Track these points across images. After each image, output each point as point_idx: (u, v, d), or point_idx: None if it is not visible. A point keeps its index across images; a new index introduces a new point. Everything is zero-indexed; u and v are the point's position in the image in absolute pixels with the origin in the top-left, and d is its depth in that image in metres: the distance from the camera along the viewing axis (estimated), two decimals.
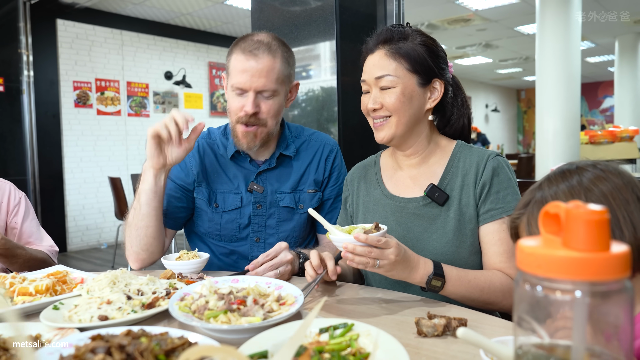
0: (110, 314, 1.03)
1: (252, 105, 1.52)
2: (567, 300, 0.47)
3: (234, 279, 1.21)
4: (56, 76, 6.64)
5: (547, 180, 0.92)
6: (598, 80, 15.87)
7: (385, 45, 1.32)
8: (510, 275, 1.24)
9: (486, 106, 16.17)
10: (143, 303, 1.07)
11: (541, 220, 0.50)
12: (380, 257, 1.05)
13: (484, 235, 1.28)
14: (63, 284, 1.26)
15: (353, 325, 0.89)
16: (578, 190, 0.86)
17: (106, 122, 7.21)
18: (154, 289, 1.14)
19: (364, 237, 1.03)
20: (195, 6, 7.01)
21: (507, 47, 10.59)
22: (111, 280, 1.15)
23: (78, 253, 6.74)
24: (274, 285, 1.16)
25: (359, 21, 2.76)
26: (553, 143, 5.85)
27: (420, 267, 1.12)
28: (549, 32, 5.85)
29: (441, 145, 1.40)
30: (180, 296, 1.08)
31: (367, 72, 1.34)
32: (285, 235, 1.65)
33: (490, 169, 1.29)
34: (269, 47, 1.54)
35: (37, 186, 6.39)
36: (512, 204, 1.26)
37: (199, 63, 8.39)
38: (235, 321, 0.93)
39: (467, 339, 0.63)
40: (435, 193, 1.31)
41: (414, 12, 7.63)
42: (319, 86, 2.82)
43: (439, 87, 1.35)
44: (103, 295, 1.09)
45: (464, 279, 1.17)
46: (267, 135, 1.60)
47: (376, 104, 1.31)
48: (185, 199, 1.67)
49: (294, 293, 1.10)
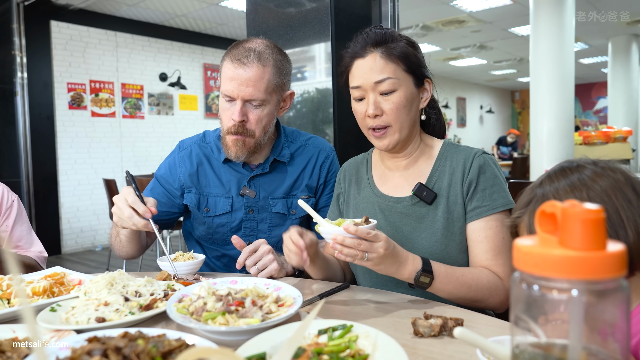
0: (107, 316, 1.02)
1: (239, 113, 1.51)
2: (563, 299, 0.47)
3: (233, 281, 1.21)
4: (50, 78, 6.61)
5: (547, 177, 0.92)
6: (591, 81, 15.96)
7: (378, 47, 1.28)
8: (497, 272, 1.24)
9: (481, 107, 16.22)
10: (141, 305, 1.07)
11: (537, 220, 0.50)
12: (369, 249, 1.04)
13: (471, 232, 1.28)
14: (60, 285, 1.25)
15: (352, 326, 0.88)
16: (579, 187, 0.86)
17: (101, 124, 7.18)
18: (152, 291, 1.13)
19: (354, 229, 1.03)
20: (190, 8, 7.00)
21: (502, 48, 10.64)
22: (109, 281, 1.14)
23: (72, 255, 6.70)
24: (272, 287, 1.15)
25: (354, 23, 2.76)
26: (547, 144, 5.88)
27: (408, 263, 1.12)
28: (543, 33, 5.89)
29: (429, 144, 1.41)
30: (178, 298, 1.07)
31: (362, 77, 1.29)
32: (277, 240, 1.63)
33: (476, 167, 1.29)
34: (259, 55, 1.50)
35: (31, 188, 6.35)
36: (499, 201, 1.27)
37: (194, 65, 8.37)
38: (234, 323, 0.93)
39: (464, 339, 0.63)
40: (423, 192, 1.31)
41: (409, 14, 7.65)
42: (314, 88, 2.82)
43: (428, 87, 1.35)
44: (100, 297, 1.08)
45: (452, 276, 1.17)
46: (255, 145, 1.58)
47: (377, 110, 1.28)
48: (170, 204, 1.69)
49: (292, 294, 1.09)
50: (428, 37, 9.36)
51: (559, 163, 0.95)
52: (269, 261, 1.38)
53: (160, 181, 1.70)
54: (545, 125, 5.88)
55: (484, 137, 15.91)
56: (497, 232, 1.25)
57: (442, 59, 11.55)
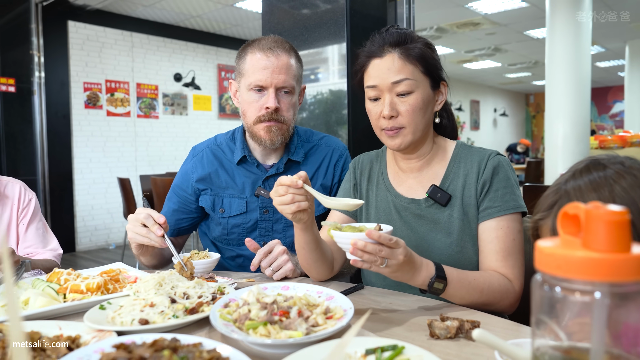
0: (151, 318, 0.99)
1: (274, 100, 1.53)
2: (586, 301, 0.46)
3: (284, 286, 1.14)
4: (67, 77, 6.69)
5: (571, 175, 0.91)
6: (608, 85, 15.78)
7: (396, 48, 1.26)
8: (506, 275, 1.23)
9: (494, 110, 16.11)
10: (186, 308, 1.03)
11: (560, 221, 0.50)
12: (390, 256, 1.01)
13: (482, 232, 1.27)
14: (116, 282, 1.25)
15: (403, 348, 0.81)
16: (602, 185, 0.85)
17: (116, 123, 7.26)
18: (200, 293, 1.10)
19: (377, 235, 0.98)
20: (204, 8, 7.05)
21: (516, 51, 10.56)
22: (158, 281, 1.12)
23: (86, 253, 6.78)
24: (325, 295, 1.08)
25: (370, 24, 2.76)
26: (562, 148, 5.82)
27: (422, 269, 1.09)
28: (559, 36, 5.83)
29: (442, 146, 1.39)
30: (225, 302, 1.03)
31: (379, 77, 1.27)
32: (292, 240, 1.63)
33: (490, 168, 1.29)
34: (284, 45, 1.57)
35: (47, 186, 6.43)
36: (510, 203, 1.26)
37: (208, 65, 8.43)
38: (275, 334, 0.87)
39: (482, 341, 0.63)
40: (437, 194, 1.30)
41: (423, 16, 7.62)
42: (327, 89, 2.82)
43: (443, 89, 1.34)
44: (148, 297, 1.06)
45: (464, 280, 1.15)
46: (287, 132, 1.61)
47: (393, 112, 1.26)
48: (187, 210, 1.72)
49: (344, 306, 1.00)
50: (442, 40, 9.32)
51: (585, 159, 0.93)
52: (283, 262, 1.38)
53: (176, 190, 1.74)
54: (560, 129, 5.81)
55: (497, 140, 15.80)
56: (507, 232, 1.24)
57: (456, 61, 11.50)
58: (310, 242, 1.25)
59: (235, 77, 1.67)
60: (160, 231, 1.36)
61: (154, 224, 1.35)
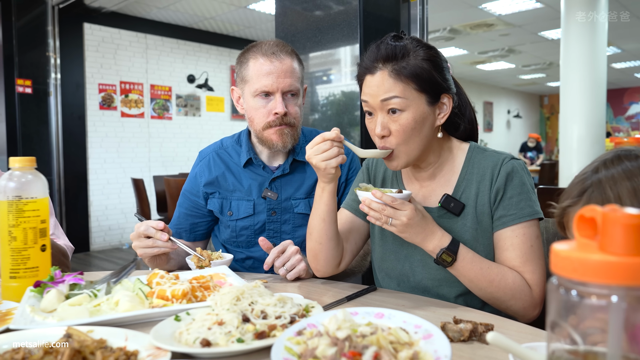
0: (215, 339, 0.86)
1: (282, 105, 1.54)
2: (603, 305, 0.46)
3: (379, 314, 0.91)
4: (82, 79, 6.77)
5: (602, 164, 0.90)
6: (624, 86, 15.58)
7: (387, 64, 1.19)
8: (525, 279, 1.20)
9: (508, 112, 15.99)
10: (257, 330, 0.89)
11: (575, 224, 0.50)
12: (393, 216, 1.11)
13: (497, 241, 1.25)
14: (205, 290, 1.16)
15: None
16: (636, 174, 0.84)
17: (130, 124, 7.33)
18: (280, 313, 0.94)
19: (379, 195, 1.11)
20: (218, 10, 7.09)
21: (531, 52, 10.47)
22: (236, 295, 0.97)
23: (100, 253, 6.85)
24: (422, 333, 0.83)
25: (383, 26, 2.76)
26: (577, 150, 5.76)
27: (436, 237, 1.16)
28: (574, 37, 5.77)
29: (453, 152, 1.34)
30: (300, 328, 0.83)
31: (369, 93, 1.22)
32: (301, 241, 1.63)
33: (504, 174, 1.24)
34: (286, 49, 1.58)
35: (62, 186, 6.51)
36: (526, 210, 1.22)
37: (221, 67, 8.47)
38: None
39: (497, 344, 0.63)
40: (450, 203, 1.26)
41: (436, 17, 7.59)
42: (340, 90, 2.83)
43: (447, 102, 1.25)
44: (220, 313, 0.93)
45: (476, 264, 1.16)
46: (297, 133, 1.62)
47: (384, 131, 1.21)
48: (199, 214, 1.73)
49: (439, 352, 0.74)
50: (455, 41, 9.27)
51: (611, 150, 0.93)
52: (297, 261, 1.39)
53: (186, 195, 1.75)
54: (575, 131, 5.75)
55: (511, 142, 15.66)
56: (524, 240, 1.21)
57: (470, 62, 11.43)
58: (333, 210, 1.30)
59: (237, 84, 1.67)
60: (165, 236, 1.37)
61: (156, 232, 1.37)
